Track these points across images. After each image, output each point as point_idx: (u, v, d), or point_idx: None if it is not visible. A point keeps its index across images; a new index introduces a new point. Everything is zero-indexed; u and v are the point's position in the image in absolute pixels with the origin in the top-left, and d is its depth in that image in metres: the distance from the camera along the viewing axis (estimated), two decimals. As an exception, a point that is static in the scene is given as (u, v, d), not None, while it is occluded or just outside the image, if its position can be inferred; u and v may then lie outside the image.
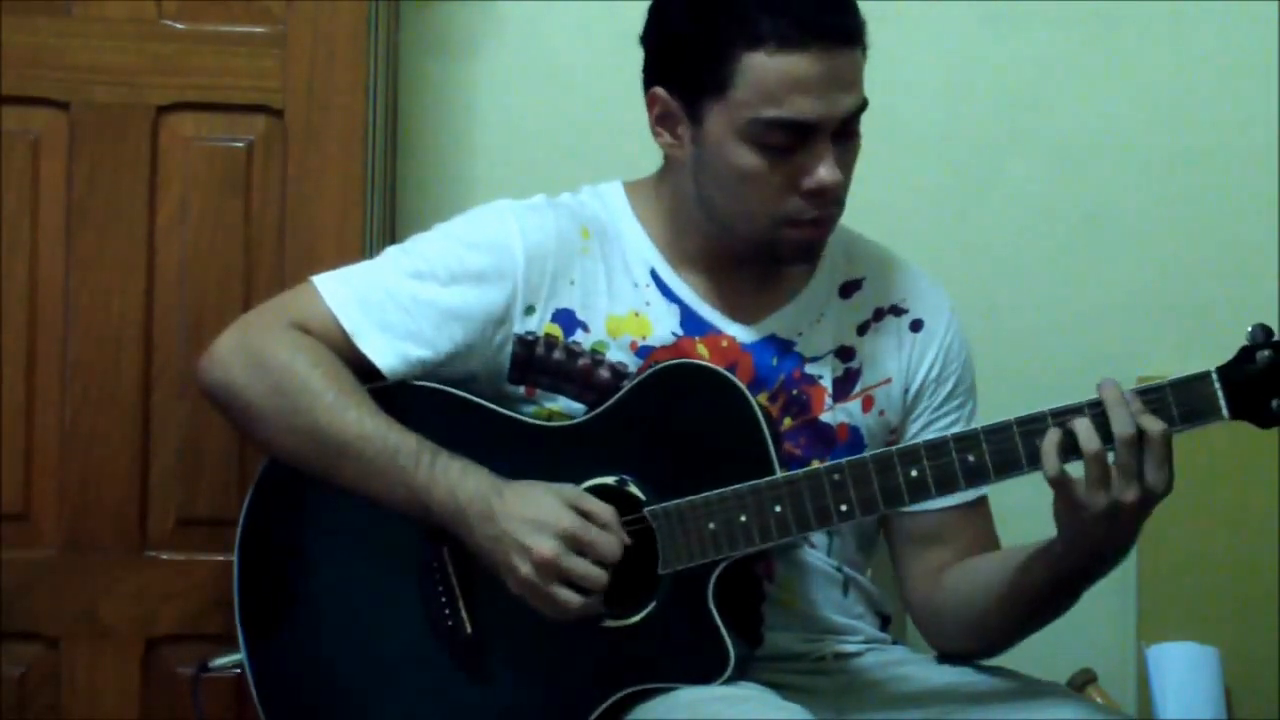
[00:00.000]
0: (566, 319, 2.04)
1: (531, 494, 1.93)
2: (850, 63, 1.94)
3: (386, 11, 2.51)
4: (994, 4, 2.73)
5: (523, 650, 1.96)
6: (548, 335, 2.03)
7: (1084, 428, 1.83)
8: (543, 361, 2.03)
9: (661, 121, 2.02)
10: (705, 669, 1.92)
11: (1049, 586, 1.95)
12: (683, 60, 1.98)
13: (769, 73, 1.91)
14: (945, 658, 2.10)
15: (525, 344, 2.03)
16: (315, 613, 2.04)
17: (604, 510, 1.92)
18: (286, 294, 2.10)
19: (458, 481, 1.94)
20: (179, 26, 2.39)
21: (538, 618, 1.93)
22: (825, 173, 1.94)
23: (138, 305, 2.38)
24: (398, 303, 2.02)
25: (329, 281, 2.05)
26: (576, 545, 1.90)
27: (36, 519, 2.38)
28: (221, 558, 2.21)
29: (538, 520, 1.90)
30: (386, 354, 2.01)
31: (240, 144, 2.40)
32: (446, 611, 1.99)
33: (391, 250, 2.09)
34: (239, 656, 2.05)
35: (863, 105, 1.97)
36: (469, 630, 1.98)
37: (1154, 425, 1.82)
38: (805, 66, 1.91)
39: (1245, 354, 1.85)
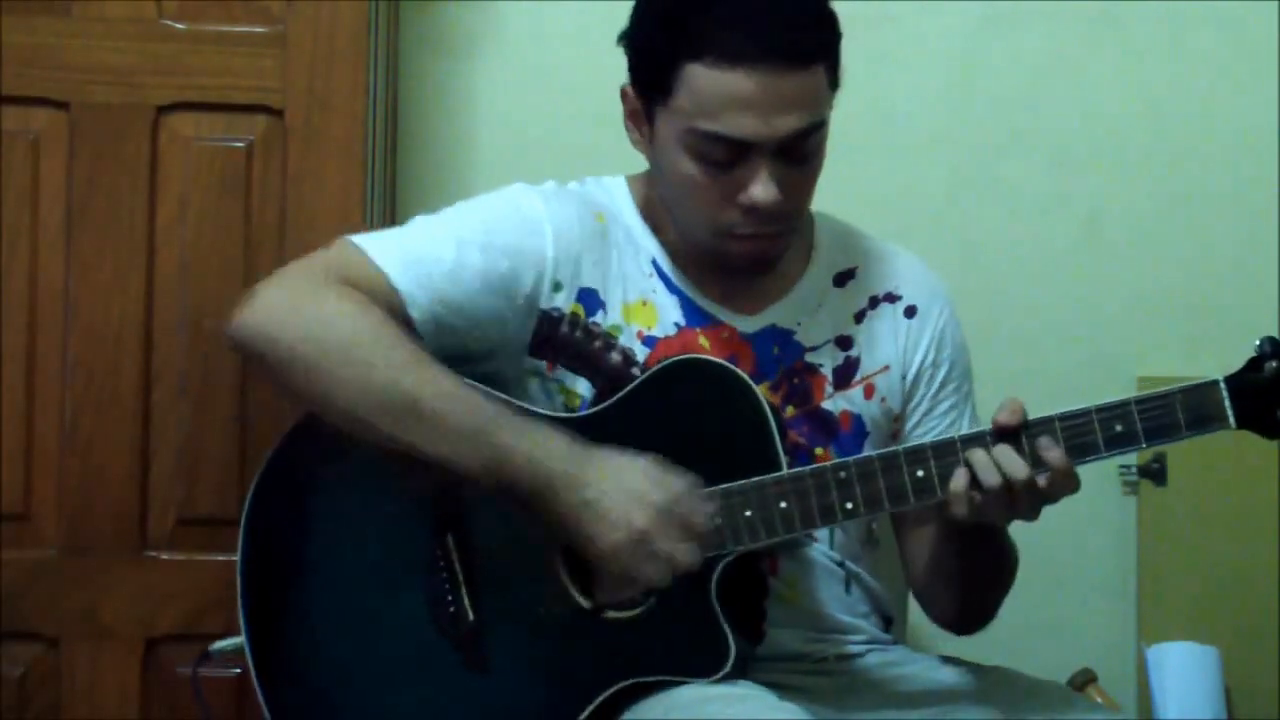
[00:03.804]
0: (590, 299, 2.03)
1: (619, 462, 1.89)
2: (798, 84, 1.91)
3: (386, 11, 2.51)
4: (994, 4, 2.74)
5: (524, 640, 1.95)
6: (572, 313, 2.02)
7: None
8: (565, 339, 2.02)
9: (631, 119, 2.03)
10: (706, 663, 1.91)
11: (983, 556, 1.99)
12: (638, 61, 1.99)
13: (706, 85, 1.90)
14: (946, 659, 2.10)
15: (551, 320, 2.02)
16: (318, 604, 2.03)
17: (686, 483, 1.89)
18: (319, 253, 2.01)
19: (542, 444, 1.89)
20: (179, 26, 2.39)
21: (540, 607, 1.94)
22: (758, 191, 1.93)
23: (138, 305, 2.38)
24: (441, 268, 1.97)
25: (372, 242, 1.99)
26: (671, 518, 1.87)
27: (36, 519, 2.38)
28: (222, 557, 2.21)
29: (633, 490, 1.87)
30: (426, 318, 1.97)
31: (240, 144, 2.40)
32: (449, 599, 1.98)
33: (423, 219, 2.04)
34: (240, 640, 2.04)
35: (813, 126, 1.93)
36: (471, 619, 1.97)
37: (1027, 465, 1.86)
38: (743, 84, 1.89)
39: (1253, 364, 1.87)
